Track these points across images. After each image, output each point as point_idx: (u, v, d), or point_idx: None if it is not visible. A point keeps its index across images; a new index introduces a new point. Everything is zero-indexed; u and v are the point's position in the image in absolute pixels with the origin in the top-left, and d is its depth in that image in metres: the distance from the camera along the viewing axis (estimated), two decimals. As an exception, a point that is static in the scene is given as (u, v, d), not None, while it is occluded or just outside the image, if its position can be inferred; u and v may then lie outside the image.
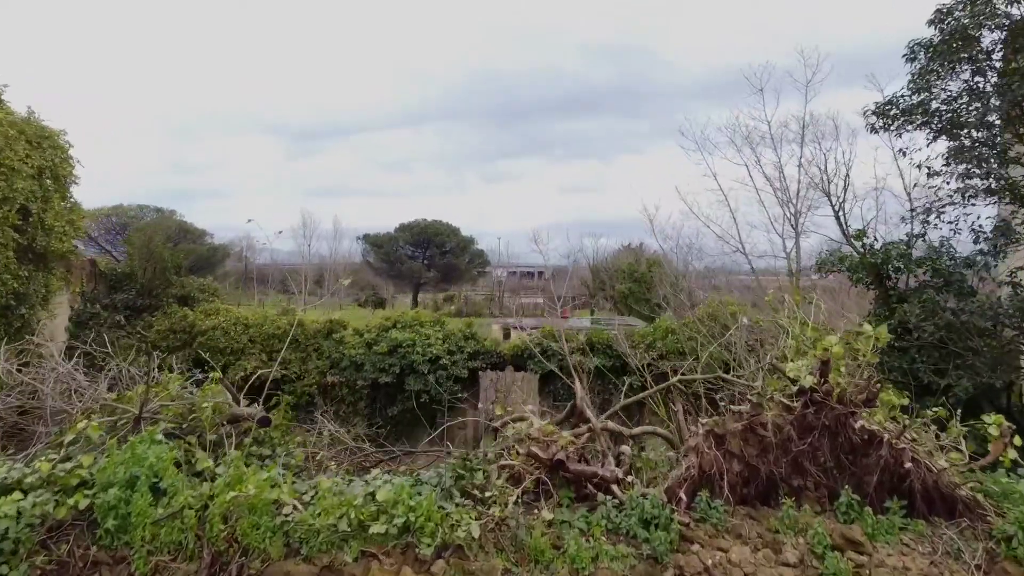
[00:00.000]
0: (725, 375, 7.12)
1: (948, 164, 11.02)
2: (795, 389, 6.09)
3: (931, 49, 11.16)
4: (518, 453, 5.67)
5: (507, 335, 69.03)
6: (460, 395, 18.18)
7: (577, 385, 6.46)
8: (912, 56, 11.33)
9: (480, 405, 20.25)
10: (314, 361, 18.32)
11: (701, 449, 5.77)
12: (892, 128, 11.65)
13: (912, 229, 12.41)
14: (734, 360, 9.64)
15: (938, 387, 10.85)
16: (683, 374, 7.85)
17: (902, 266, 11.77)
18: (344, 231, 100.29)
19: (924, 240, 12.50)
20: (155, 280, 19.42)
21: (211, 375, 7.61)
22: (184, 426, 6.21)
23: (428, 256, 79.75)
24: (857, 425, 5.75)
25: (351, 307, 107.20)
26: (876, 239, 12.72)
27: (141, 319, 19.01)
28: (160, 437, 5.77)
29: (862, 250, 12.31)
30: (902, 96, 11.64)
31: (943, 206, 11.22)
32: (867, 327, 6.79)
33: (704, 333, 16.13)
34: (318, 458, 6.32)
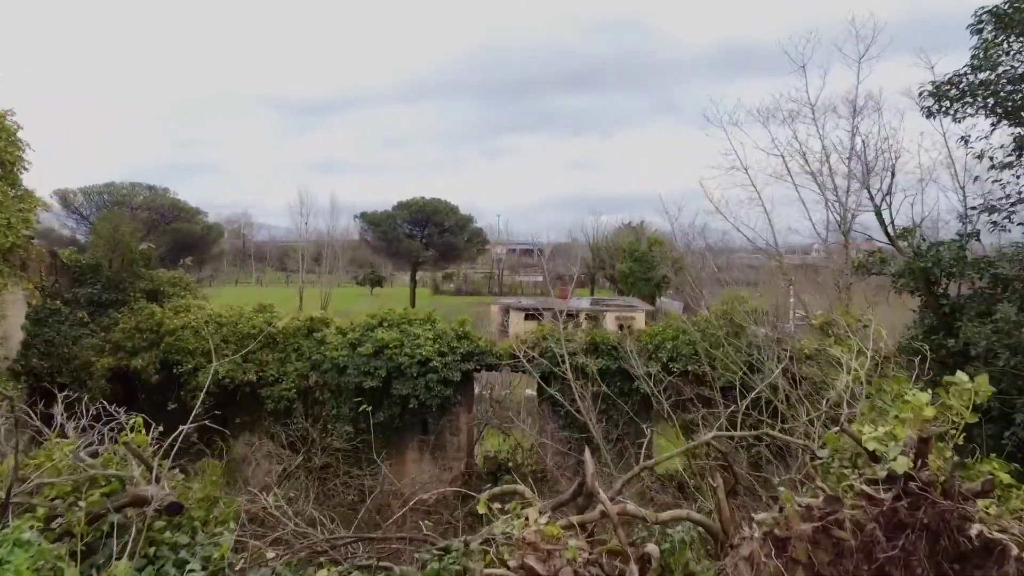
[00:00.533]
0: (772, 431, 5.61)
1: (1020, 154, 9.39)
2: (882, 471, 4.54)
3: (1001, 18, 9.47)
4: (508, 567, 4.18)
5: (506, 316, 67.62)
6: (452, 399, 16.69)
7: (588, 459, 4.93)
8: (979, 26, 9.63)
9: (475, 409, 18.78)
10: (293, 363, 16.79)
11: (757, 559, 4.25)
12: (950, 112, 10.01)
13: (966, 228, 10.80)
14: (778, 397, 8.08)
15: (999, 413, 9.36)
16: (721, 424, 6.36)
17: (956, 271, 10.18)
18: (342, 208, 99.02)
19: (978, 240, 10.91)
20: (122, 273, 17.84)
21: (133, 421, 6.10)
22: (73, 511, 4.71)
23: (426, 234, 78.36)
24: (974, 532, 4.20)
25: (349, 285, 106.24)
26: (923, 239, 11.12)
27: (107, 315, 17.46)
28: (29, 535, 4.25)
29: (910, 251, 10.71)
30: (963, 74, 9.97)
31: (1012, 204, 9.61)
32: (961, 376, 5.20)
33: (722, 338, 14.58)
34: (250, 551, 4.85)
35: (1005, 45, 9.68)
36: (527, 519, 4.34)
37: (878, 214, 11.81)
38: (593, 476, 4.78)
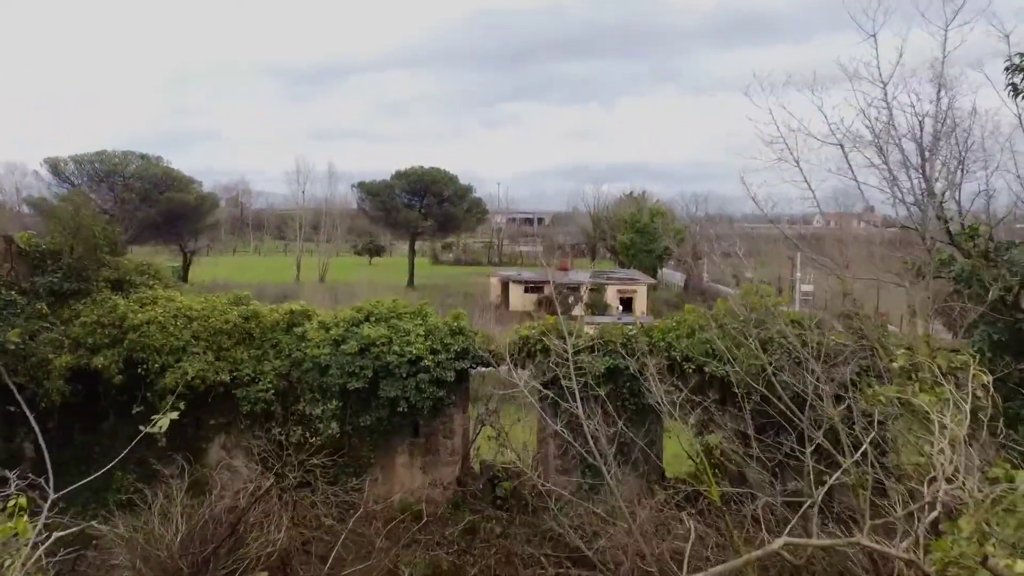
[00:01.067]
0: (862, 539, 4.15)
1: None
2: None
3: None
4: None
5: (506, 289, 66.17)
6: (446, 400, 15.20)
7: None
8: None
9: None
10: (271, 361, 15.25)
11: None
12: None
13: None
14: (841, 451, 6.53)
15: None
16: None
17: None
18: (340, 176, 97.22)
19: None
20: (84, 260, 16.21)
21: (13, 502, 4.72)
22: None
23: (425, 204, 76.76)
24: None
25: (347, 254, 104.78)
26: (991, 239, 9.50)
27: (68, 307, 15.88)
28: None
29: (978, 253, 9.11)
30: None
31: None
32: None
33: (747, 335, 13.07)
34: None
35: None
36: None
37: (939, 207, 10.15)
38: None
